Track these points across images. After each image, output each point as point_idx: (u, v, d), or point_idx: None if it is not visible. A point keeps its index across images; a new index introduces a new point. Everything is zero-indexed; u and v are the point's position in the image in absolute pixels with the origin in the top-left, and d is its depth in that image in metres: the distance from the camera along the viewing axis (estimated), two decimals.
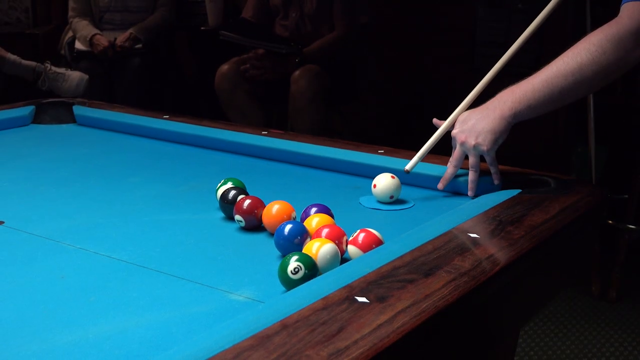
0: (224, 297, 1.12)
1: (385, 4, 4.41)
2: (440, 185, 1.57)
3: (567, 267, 1.43)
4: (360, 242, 1.23)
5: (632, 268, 3.21)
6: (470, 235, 1.22)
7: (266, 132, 1.97)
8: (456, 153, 1.55)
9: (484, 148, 1.50)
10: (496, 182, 1.53)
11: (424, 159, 1.61)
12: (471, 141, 1.51)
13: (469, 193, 1.54)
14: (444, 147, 1.60)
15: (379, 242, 1.23)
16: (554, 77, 1.45)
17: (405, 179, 1.60)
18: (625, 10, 1.45)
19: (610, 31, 1.44)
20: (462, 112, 1.57)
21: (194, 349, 0.86)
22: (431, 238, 1.20)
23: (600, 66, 1.43)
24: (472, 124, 1.51)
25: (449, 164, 1.56)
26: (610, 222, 3.08)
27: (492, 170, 1.53)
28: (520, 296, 1.24)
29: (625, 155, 3.37)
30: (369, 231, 1.24)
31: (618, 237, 3.11)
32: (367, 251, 1.21)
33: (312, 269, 1.12)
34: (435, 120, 1.63)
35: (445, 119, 1.61)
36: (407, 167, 1.58)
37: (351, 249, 1.24)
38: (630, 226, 3.07)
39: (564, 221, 1.33)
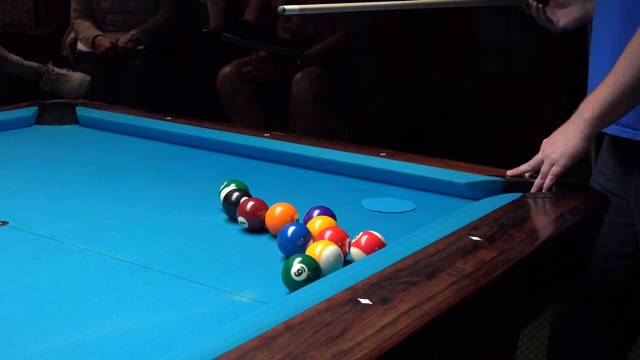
0: (228, 298, 1.13)
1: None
2: (508, 172, 1.59)
3: (567, 270, 1.44)
4: (363, 244, 1.24)
5: None
6: (472, 238, 1.22)
7: (268, 134, 1.97)
8: (536, 156, 1.55)
9: (558, 161, 1.49)
10: (533, 189, 1.51)
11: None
12: (549, 151, 1.51)
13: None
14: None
15: (381, 245, 1.24)
16: (622, 75, 1.44)
17: (408, 182, 1.60)
18: None
19: None
20: None
21: (199, 349, 0.87)
22: (433, 241, 1.21)
23: None
24: (555, 137, 1.52)
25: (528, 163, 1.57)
26: None
27: (547, 180, 1.51)
28: (522, 299, 1.24)
29: None
30: (371, 233, 1.25)
31: None
32: (370, 253, 1.22)
33: (315, 271, 1.12)
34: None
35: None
36: (287, 6, 1.48)
37: (354, 251, 1.24)
38: None
39: (564, 224, 1.34)
